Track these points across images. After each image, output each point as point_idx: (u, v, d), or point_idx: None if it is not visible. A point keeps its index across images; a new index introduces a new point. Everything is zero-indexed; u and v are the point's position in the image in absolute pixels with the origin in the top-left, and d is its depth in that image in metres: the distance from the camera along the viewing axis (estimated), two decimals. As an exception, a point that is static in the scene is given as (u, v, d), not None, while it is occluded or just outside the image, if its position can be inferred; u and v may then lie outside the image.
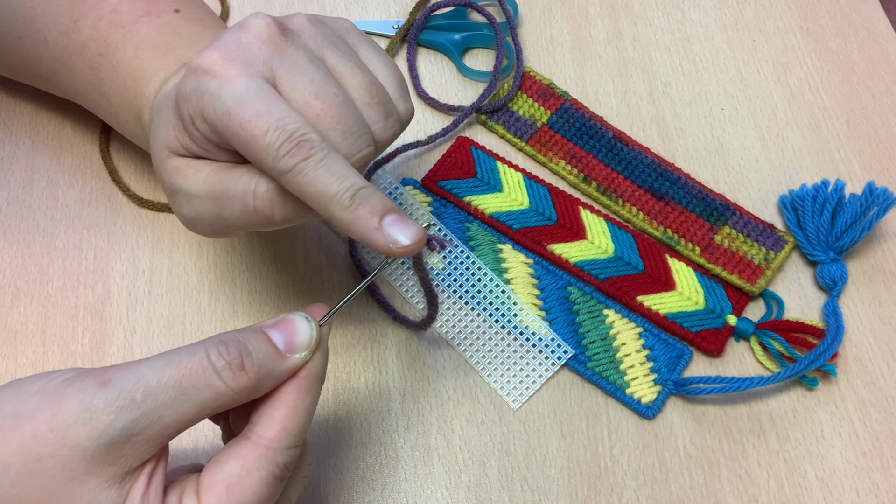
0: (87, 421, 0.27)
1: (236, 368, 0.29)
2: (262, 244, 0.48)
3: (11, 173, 0.49)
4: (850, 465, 0.42)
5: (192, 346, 0.29)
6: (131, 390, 0.27)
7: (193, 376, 0.28)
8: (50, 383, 0.28)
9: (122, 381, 0.28)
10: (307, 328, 0.31)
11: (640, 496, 0.41)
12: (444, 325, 0.45)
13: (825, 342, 0.43)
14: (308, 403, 0.31)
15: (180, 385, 0.28)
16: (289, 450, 0.30)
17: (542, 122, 0.51)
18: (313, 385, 0.31)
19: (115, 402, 0.27)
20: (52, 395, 0.28)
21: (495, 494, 0.41)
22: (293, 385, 0.31)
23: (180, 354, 0.29)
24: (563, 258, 0.47)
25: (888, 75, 0.54)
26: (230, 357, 0.29)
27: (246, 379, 0.29)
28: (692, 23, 0.56)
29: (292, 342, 0.31)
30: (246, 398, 0.30)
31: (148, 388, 0.27)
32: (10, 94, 0.52)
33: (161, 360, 0.28)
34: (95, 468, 0.27)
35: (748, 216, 0.48)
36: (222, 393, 0.29)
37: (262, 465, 0.29)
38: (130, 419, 0.27)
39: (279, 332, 0.31)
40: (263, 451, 0.30)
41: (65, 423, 0.27)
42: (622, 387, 0.43)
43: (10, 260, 0.47)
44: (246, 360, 0.29)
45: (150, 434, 0.28)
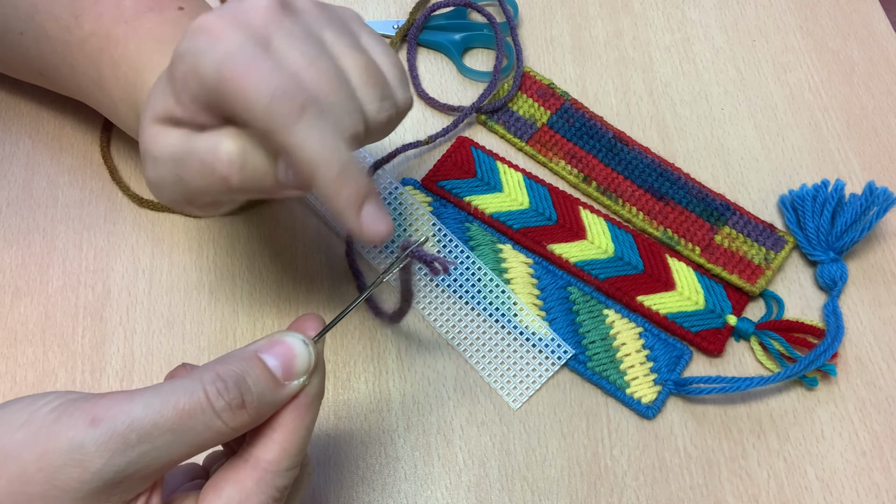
0: (78, 463, 0.26)
1: (236, 407, 0.28)
2: (262, 244, 0.48)
3: (11, 173, 0.49)
4: (850, 465, 0.42)
5: (187, 381, 0.28)
6: (125, 433, 0.26)
7: (192, 418, 0.27)
8: (35, 415, 0.27)
9: (114, 420, 0.26)
10: (305, 353, 0.30)
11: (640, 496, 0.41)
12: (444, 325, 0.45)
13: (825, 342, 0.43)
14: (307, 423, 0.30)
15: (178, 426, 0.27)
16: (288, 472, 0.30)
17: (542, 122, 0.51)
18: (312, 405, 0.30)
19: (108, 445, 0.26)
20: (38, 430, 0.26)
21: (495, 494, 0.41)
22: (291, 408, 0.30)
23: (177, 394, 0.27)
24: (563, 258, 0.47)
25: (888, 75, 0.54)
26: (230, 397, 0.28)
27: (246, 417, 0.28)
28: (692, 23, 0.56)
29: (290, 369, 0.30)
30: (243, 431, 0.29)
31: (143, 430, 0.26)
32: (10, 94, 0.52)
33: (157, 399, 0.27)
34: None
35: (748, 216, 0.48)
36: (221, 432, 0.28)
37: (261, 489, 0.29)
38: (125, 462, 0.26)
39: (276, 359, 0.30)
40: (262, 474, 0.29)
41: (54, 464, 0.26)
42: (622, 387, 0.43)
43: (10, 260, 0.47)
44: (246, 397, 0.28)
45: (146, 473, 0.27)
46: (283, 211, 0.49)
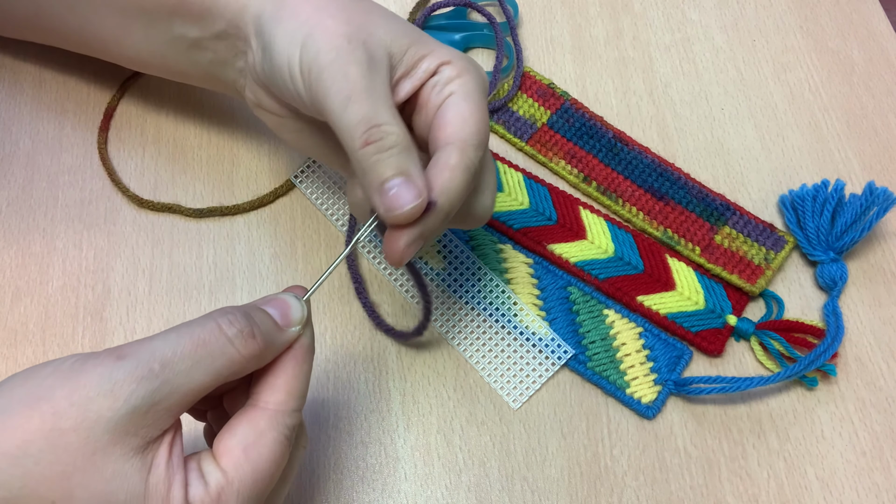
0: (109, 393, 0.27)
1: (247, 336, 0.30)
2: (262, 244, 0.48)
3: (11, 173, 0.49)
4: (850, 465, 0.42)
5: (200, 318, 0.30)
6: (149, 361, 0.28)
7: (208, 345, 0.29)
8: (62, 365, 0.28)
9: (139, 353, 0.28)
10: (298, 305, 0.33)
11: (640, 496, 0.41)
12: (444, 325, 0.45)
13: (825, 342, 0.43)
14: (306, 371, 0.33)
15: (196, 354, 0.29)
16: (294, 413, 0.32)
17: (542, 122, 0.51)
18: (307, 355, 0.33)
19: (135, 373, 0.28)
20: (68, 373, 0.28)
21: (495, 494, 0.41)
22: (290, 355, 0.32)
23: (191, 327, 0.30)
24: (563, 258, 0.47)
25: (888, 75, 0.54)
26: (241, 325, 0.30)
27: (256, 346, 0.30)
28: (692, 23, 0.56)
29: (287, 317, 0.32)
30: (253, 366, 0.31)
31: (165, 358, 0.28)
32: (10, 94, 0.52)
33: (173, 333, 0.29)
34: (119, 439, 0.27)
35: (748, 216, 0.48)
36: (235, 360, 0.30)
37: (273, 426, 0.31)
38: (151, 388, 0.28)
39: (275, 309, 0.32)
40: (273, 414, 0.31)
41: (86, 396, 0.27)
42: (622, 387, 0.43)
43: (10, 260, 0.47)
44: (255, 329, 0.31)
45: (170, 403, 0.28)
46: (284, 211, 0.49)
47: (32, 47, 0.53)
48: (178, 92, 0.52)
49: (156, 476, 0.28)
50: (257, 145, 0.50)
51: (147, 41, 0.43)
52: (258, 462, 0.30)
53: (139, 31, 0.43)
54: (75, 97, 0.52)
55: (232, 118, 0.51)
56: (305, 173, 0.49)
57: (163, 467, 0.28)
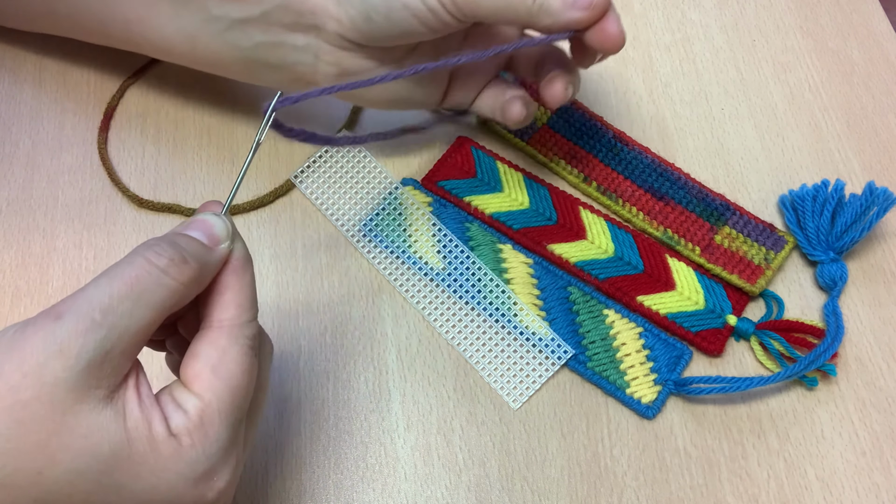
0: (58, 353, 0.27)
1: (179, 262, 0.30)
2: (262, 244, 0.48)
3: (11, 173, 0.49)
4: (850, 465, 0.42)
5: (126, 257, 0.30)
6: (89, 312, 0.28)
7: (142, 281, 0.29)
8: (1, 339, 0.28)
9: (76, 307, 0.28)
10: (220, 222, 0.32)
11: (640, 496, 0.41)
12: (444, 325, 0.45)
13: (825, 342, 0.43)
14: (248, 281, 0.33)
15: (133, 293, 0.28)
16: (250, 323, 0.32)
17: (542, 122, 0.51)
18: (245, 265, 0.33)
19: (78, 327, 0.27)
20: (10, 345, 0.27)
21: (495, 494, 0.41)
22: (230, 270, 0.32)
23: (120, 267, 0.29)
24: (563, 258, 0.47)
25: (888, 75, 0.54)
26: (170, 254, 0.30)
27: (190, 270, 0.30)
28: (692, 23, 0.56)
29: (213, 235, 0.32)
30: (193, 291, 0.31)
31: (103, 305, 0.28)
32: (9, 94, 0.52)
33: (104, 278, 0.29)
34: (83, 395, 0.27)
35: (748, 216, 0.48)
36: (173, 289, 0.29)
37: (234, 340, 0.31)
38: (99, 338, 0.27)
39: (198, 231, 0.32)
40: (230, 329, 0.31)
41: (36, 363, 0.27)
42: (622, 387, 0.43)
43: (10, 260, 0.47)
44: (184, 254, 0.30)
45: (122, 347, 0.28)
46: (283, 211, 0.49)
47: (32, 47, 0.53)
48: (178, 92, 0.52)
49: (132, 419, 0.28)
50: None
51: (177, 21, 0.42)
52: (229, 378, 0.30)
53: (167, 13, 0.42)
54: (75, 97, 0.52)
55: (232, 118, 0.51)
56: (305, 173, 0.49)
57: (136, 409, 0.28)
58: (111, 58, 0.53)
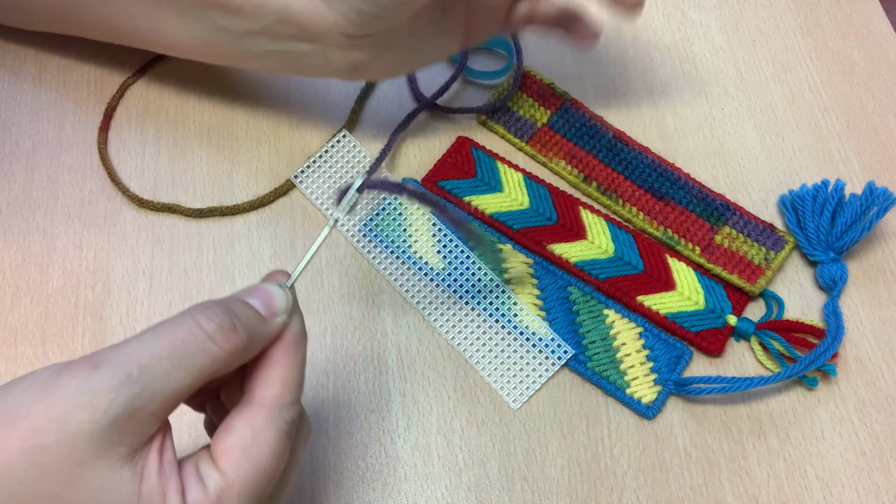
0: (87, 404, 0.26)
1: (228, 330, 0.29)
2: (262, 244, 0.48)
3: (11, 173, 0.49)
4: (850, 465, 0.42)
5: (177, 316, 0.29)
6: (126, 366, 0.27)
7: (186, 344, 0.28)
8: (37, 379, 0.27)
9: (115, 359, 0.27)
10: (282, 294, 0.32)
11: (640, 496, 0.41)
12: (444, 325, 0.45)
13: (825, 342, 0.43)
14: (300, 360, 0.32)
15: (174, 354, 0.28)
16: (292, 405, 0.31)
17: (542, 122, 0.51)
18: (299, 343, 0.32)
19: (112, 381, 0.27)
20: (43, 387, 0.27)
21: (495, 494, 0.41)
22: (282, 346, 0.31)
23: (168, 325, 0.29)
24: (563, 258, 0.47)
25: (888, 75, 0.54)
26: (220, 320, 0.29)
27: (238, 339, 0.29)
28: (692, 23, 0.56)
29: (272, 306, 0.31)
30: (238, 361, 0.30)
31: (142, 362, 0.27)
32: (9, 94, 0.52)
33: (150, 334, 0.28)
34: (103, 450, 0.26)
35: (748, 216, 0.48)
36: (217, 356, 0.29)
37: (271, 423, 0.30)
38: (131, 395, 0.27)
39: (257, 299, 0.31)
40: (269, 409, 0.30)
41: (64, 410, 0.26)
42: (622, 387, 0.43)
43: (10, 260, 0.47)
44: (235, 321, 0.29)
45: (153, 408, 0.27)
46: (283, 211, 0.49)
47: (33, 47, 0.53)
48: (177, 92, 0.52)
49: (148, 484, 0.27)
50: (257, 145, 0.50)
51: (187, 31, 0.43)
52: (258, 461, 0.29)
53: (176, 21, 0.43)
54: (75, 97, 0.52)
55: (232, 118, 0.51)
56: (305, 173, 0.49)
57: (155, 474, 0.28)
58: (111, 58, 0.53)
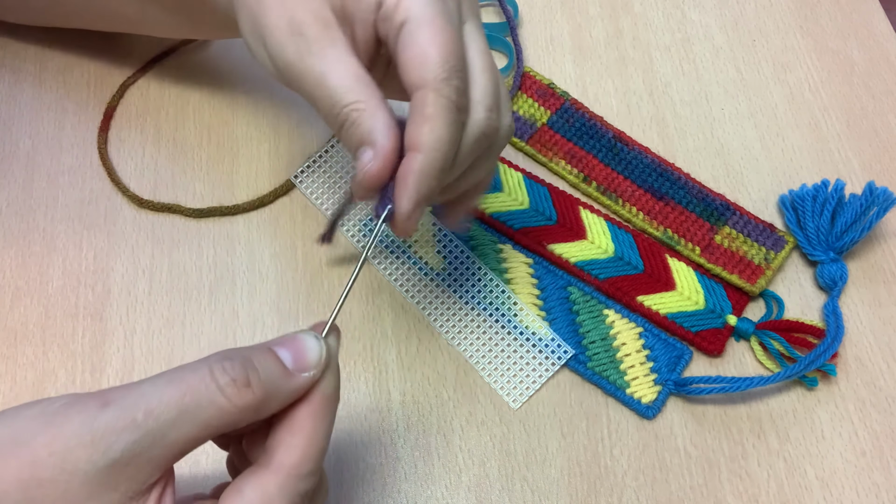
0: (88, 444, 0.26)
1: (241, 385, 0.27)
2: (262, 244, 0.48)
3: (11, 173, 0.49)
4: (850, 465, 0.42)
5: (195, 362, 0.28)
6: (133, 409, 0.26)
7: (196, 393, 0.27)
8: (49, 407, 0.27)
9: (124, 401, 0.26)
10: (316, 346, 0.30)
11: (640, 496, 0.41)
12: (444, 325, 0.45)
13: (825, 342, 0.43)
14: (326, 427, 0.30)
15: (182, 403, 0.27)
16: (309, 476, 0.29)
17: (542, 122, 0.51)
18: (328, 406, 0.30)
19: (117, 423, 0.26)
20: (51, 418, 0.26)
21: (495, 494, 0.41)
22: (308, 409, 0.29)
23: (183, 371, 0.27)
24: (563, 258, 0.47)
25: (888, 75, 0.54)
26: (234, 373, 0.28)
27: (251, 396, 0.28)
28: (692, 23, 0.56)
29: (302, 360, 0.29)
30: (251, 417, 0.28)
31: (149, 407, 0.26)
32: (10, 94, 0.52)
33: (163, 378, 0.27)
34: (97, 493, 0.26)
35: (748, 216, 0.48)
36: (226, 411, 0.27)
37: (284, 493, 0.28)
38: (132, 440, 0.26)
39: (287, 350, 0.29)
40: (284, 478, 0.28)
41: (65, 446, 0.26)
42: (622, 387, 0.43)
43: (10, 260, 0.47)
44: (251, 376, 0.28)
45: (153, 455, 0.26)
46: (284, 211, 0.49)
47: (33, 47, 0.53)
48: (178, 92, 0.52)
49: None
50: (257, 145, 0.50)
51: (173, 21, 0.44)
52: None
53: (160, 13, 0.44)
54: (75, 97, 0.52)
55: (232, 118, 0.51)
56: (305, 173, 0.49)
57: None
58: (111, 58, 0.53)
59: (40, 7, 0.49)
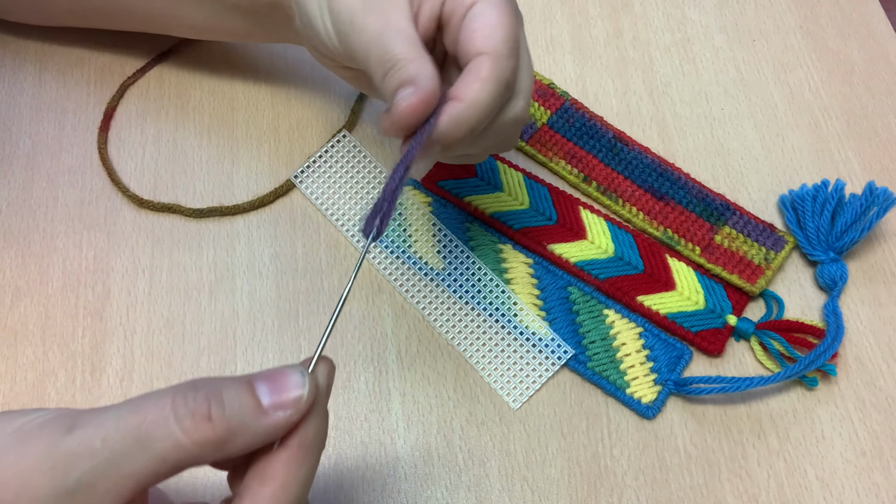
0: (48, 469, 0.25)
1: (200, 418, 0.25)
2: (262, 244, 0.48)
3: (11, 173, 0.49)
4: (850, 465, 0.42)
5: (163, 389, 0.26)
6: (92, 437, 0.25)
7: (153, 424, 0.25)
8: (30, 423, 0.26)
9: (88, 426, 0.25)
10: (298, 382, 0.27)
11: (640, 496, 0.41)
12: (444, 325, 0.45)
13: (825, 342, 0.43)
14: (302, 477, 0.27)
15: (138, 432, 0.25)
16: None
17: (542, 122, 0.51)
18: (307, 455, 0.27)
19: (77, 449, 0.25)
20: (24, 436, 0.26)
21: (495, 494, 0.41)
22: (283, 455, 0.27)
23: (147, 399, 0.26)
24: (563, 258, 0.47)
25: (888, 75, 0.54)
26: (195, 405, 0.25)
27: (210, 432, 0.25)
28: (692, 23, 0.56)
29: (279, 397, 0.27)
30: (213, 455, 0.26)
31: (107, 434, 0.25)
32: (10, 94, 0.52)
33: (128, 405, 0.26)
34: None
35: (748, 216, 0.48)
36: (181, 446, 0.25)
37: None
38: (87, 468, 0.25)
39: (266, 385, 0.27)
40: None
41: (29, 468, 0.25)
42: (622, 387, 0.43)
43: (10, 260, 0.47)
44: (214, 409, 0.25)
45: (109, 486, 0.25)
46: (284, 211, 0.49)
47: (33, 47, 0.53)
48: (178, 92, 0.52)
49: None
50: (257, 145, 0.50)
51: (202, 12, 0.45)
52: None
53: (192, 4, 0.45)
54: (75, 97, 0.52)
55: (232, 118, 0.51)
56: (305, 173, 0.49)
57: None
58: (111, 58, 0.53)
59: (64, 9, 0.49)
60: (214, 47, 0.53)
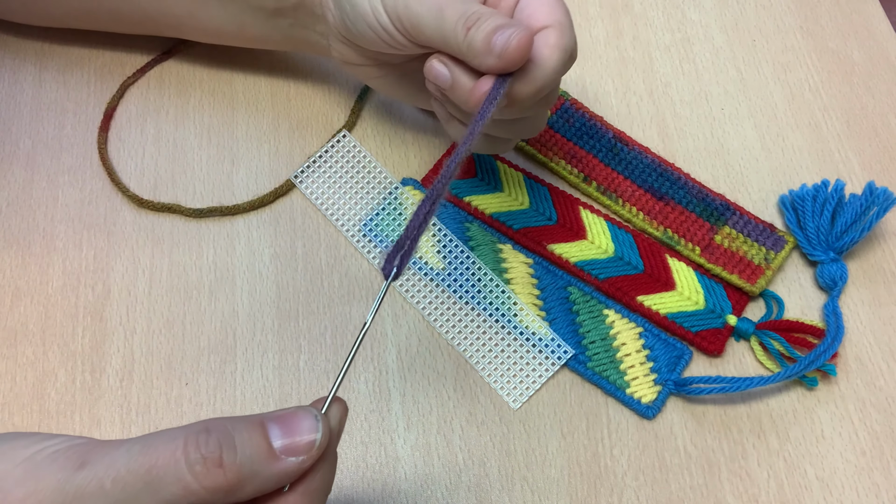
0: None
1: (212, 464, 0.25)
2: (262, 244, 0.48)
3: (11, 173, 0.49)
4: (850, 465, 0.42)
5: (175, 430, 0.26)
6: (103, 477, 0.25)
7: (164, 467, 0.25)
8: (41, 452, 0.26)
9: (99, 463, 0.25)
10: (312, 428, 0.27)
11: (640, 496, 0.41)
12: (444, 325, 0.45)
13: (825, 342, 0.43)
14: None
15: (149, 475, 0.25)
16: None
17: (542, 122, 0.51)
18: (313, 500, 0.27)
19: (87, 488, 0.25)
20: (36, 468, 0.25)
21: (495, 494, 0.41)
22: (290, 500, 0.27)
23: (159, 439, 0.26)
24: (563, 258, 0.47)
25: (888, 75, 0.54)
26: (208, 450, 0.25)
27: (222, 479, 0.25)
28: (692, 23, 0.56)
29: (292, 443, 0.27)
30: (222, 500, 0.26)
31: (118, 475, 0.25)
32: (9, 94, 0.52)
33: (140, 443, 0.26)
34: None
35: (748, 216, 0.48)
36: (192, 491, 0.25)
37: None
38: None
39: (279, 427, 0.27)
40: None
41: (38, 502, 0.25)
42: (622, 387, 0.43)
43: (10, 260, 0.47)
44: (226, 455, 0.25)
45: None
46: (284, 211, 0.49)
47: (33, 47, 0.53)
48: (178, 92, 0.52)
49: None
50: (257, 145, 0.50)
51: (224, 13, 0.45)
52: None
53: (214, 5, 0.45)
54: (75, 97, 0.52)
55: (232, 118, 0.51)
56: (305, 173, 0.49)
57: None
58: (111, 58, 0.53)
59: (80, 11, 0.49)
60: (215, 47, 0.53)
